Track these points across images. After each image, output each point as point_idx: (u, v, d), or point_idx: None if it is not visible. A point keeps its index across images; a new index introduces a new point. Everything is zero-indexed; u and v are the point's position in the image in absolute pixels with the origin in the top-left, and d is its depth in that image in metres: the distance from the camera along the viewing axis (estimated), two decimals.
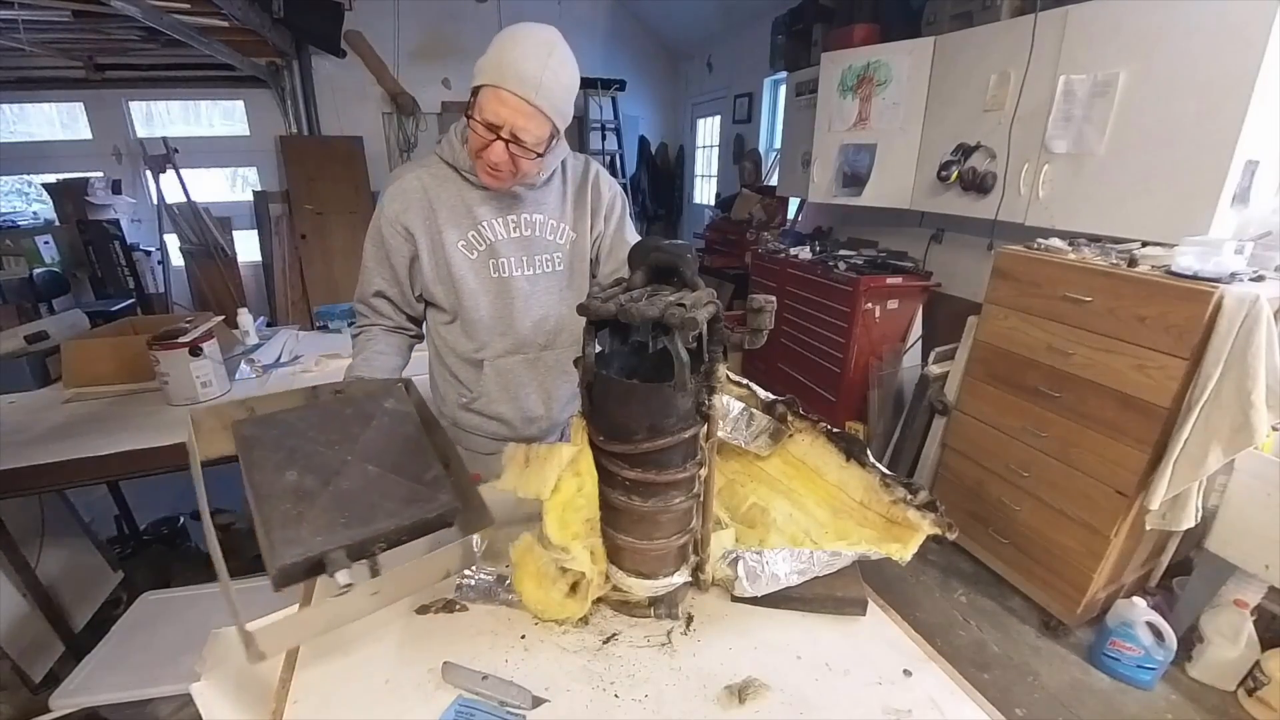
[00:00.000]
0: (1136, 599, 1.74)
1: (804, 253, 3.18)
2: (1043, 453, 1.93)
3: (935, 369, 2.44)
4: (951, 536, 0.80)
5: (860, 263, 2.88)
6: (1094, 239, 1.96)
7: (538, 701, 0.68)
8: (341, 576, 0.62)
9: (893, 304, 2.78)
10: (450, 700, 0.69)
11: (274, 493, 0.65)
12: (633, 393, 0.70)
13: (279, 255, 4.66)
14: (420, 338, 1.21)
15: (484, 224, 1.04)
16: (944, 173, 2.38)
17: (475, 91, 0.91)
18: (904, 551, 0.82)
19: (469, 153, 0.98)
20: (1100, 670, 1.79)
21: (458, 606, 0.83)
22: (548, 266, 1.11)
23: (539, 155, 0.95)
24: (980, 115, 2.28)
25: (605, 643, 0.78)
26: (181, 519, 2.39)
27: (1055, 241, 1.96)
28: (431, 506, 0.71)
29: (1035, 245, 1.98)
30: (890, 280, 2.73)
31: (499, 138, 0.90)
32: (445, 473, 0.75)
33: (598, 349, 0.76)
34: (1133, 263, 1.72)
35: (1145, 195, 1.79)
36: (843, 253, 3.08)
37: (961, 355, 2.29)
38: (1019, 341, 1.97)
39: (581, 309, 0.71)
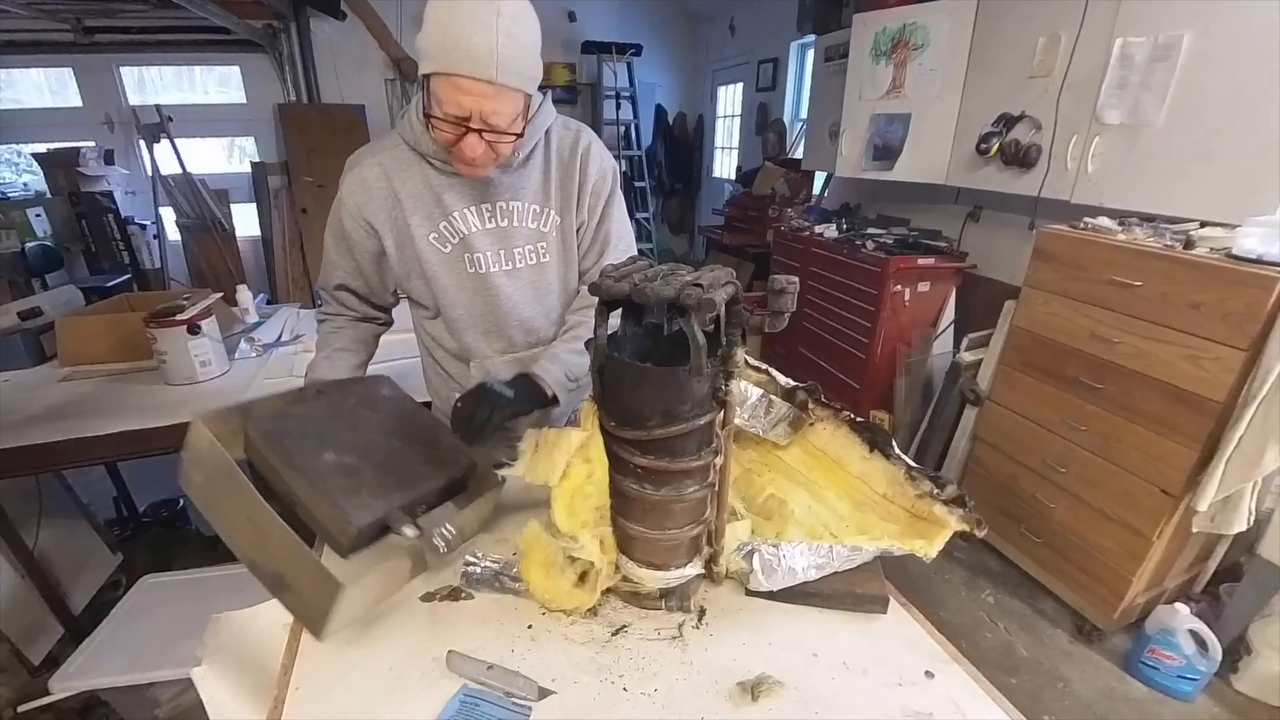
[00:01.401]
0: (1179, 605, 1.73)
1: (830, 231, 3.15)
2: (1082, 447, 1.91)
3: (968, 356, 2.42)
4: (980, 534, 0.80)
5: (890, 242, 2.85)
6: (1147, 218, 1.91)
7: (544, 693, 0.70)
8: (408, 530, 0.70)
9: (924, 286, 2.75)
10: (455, 689, 0.71)
11: (322, 472, 0.71)
12: (646, 377, 0.71)
13: (279, 230, 4.70)
14: (389, 324, 1.19)
15: (455, 214, 0.98)
16: (984, 145, 2.33)
17: (426, 80, 0.82)
18: (929, 548, 0.82)
19: (440, 147, 0.91)
20: (1136, 679, 1.78)
21: (463, 595, 0.85)
22: (531, 259, 1.04)
23: (518, 135, 0.89)
24: (1026, 82, 2.23)
25: (614, 635, 0.80)
26: (181, 501, 2.45)
27: (1104, 221, 1.92)
28: (458, 467, 0.81)
29: (1081, 225, 1.94)
30: (921, 261, 2.70)
31: (469, 129, 0.83)
32: (456, 439, 0.85)
33: (610, 330, 0.76)
34: (1189, 244, 1.68)
35: (1206, 171, 1.74)
36: (871, 231, 3.05)
37: (996, 342, 2.27)
38: (1060, 328, 1.95)
39: (594, 288, 0.71)
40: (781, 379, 0.97)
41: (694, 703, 0.70)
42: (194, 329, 1.66)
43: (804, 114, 4.14)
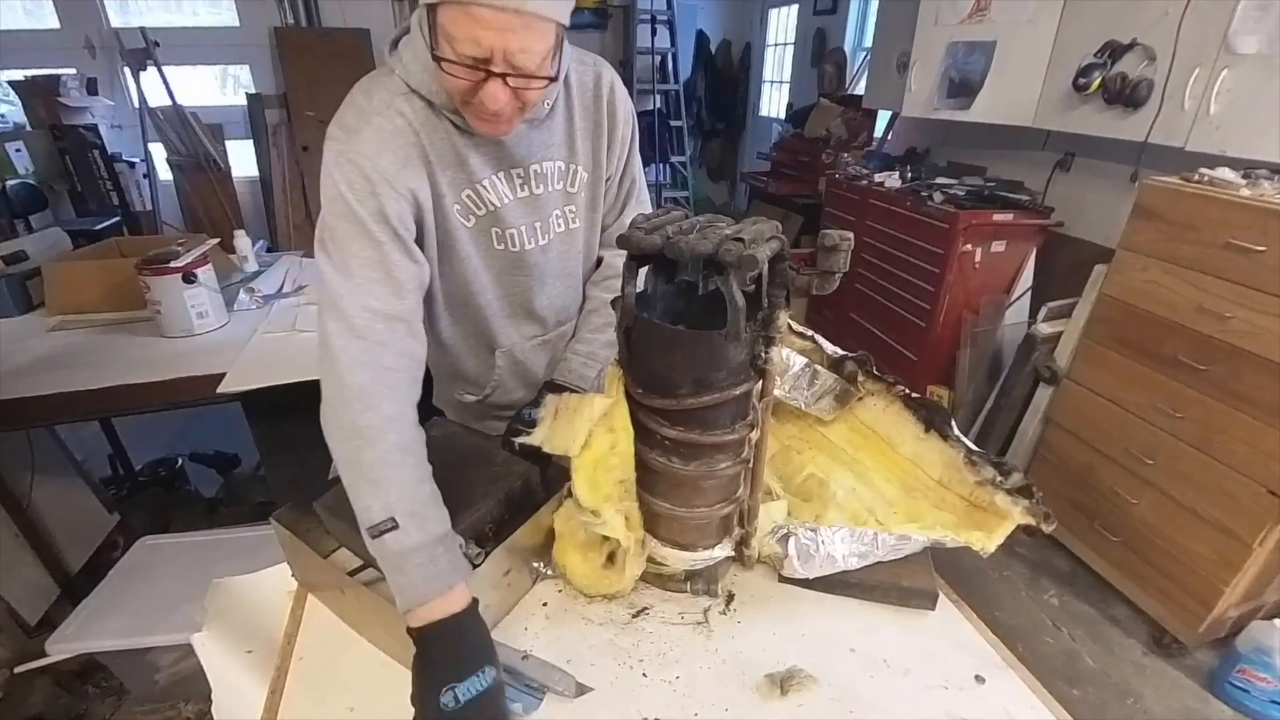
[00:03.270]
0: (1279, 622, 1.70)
1: (892, 179, 3.08)
2: (1175, 437, 1.86)
3: (1045, 328, 2.37)
4: (1048, 528, 0.80)
5: (961, 194, 2.77)
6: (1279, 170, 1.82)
7: (582, 689, 0.73)
8: (470, 552, 0.75)
9: (998, 246, 2.68)
10: None
11: None
12: (677, 340, 0.71)
13: (278, 170, 4.77)
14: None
15: (483, 182, 0.89)
16: (1083, 80, 2.22)
17: (431, 11, 0.71)
18: (987, 541, 0.82)
19: (450, 98, 0.80)
20: (1222, 700, 1.77)
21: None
22: (559, 226, 0.99)
23: (552, 79, 0.77)
24: (1140, 3, 2.10)
25: (635, 616, 0.83)
26: (180, 460, 2.59)
27: (1224, 172, 1.83)
28: (514, 477, 0.86)
29: (1196, 177, 1.86)
30: (998, 217, 2.62)
31: (491, 74, 0.72)
32: (512, 454, 0.90)
33: (639, 288, 0.77)
34: None
35: None
36: (940, 180, 2.97)
37: (1081, 313, 2.21)
38: (1159, 299, 1.89)
39: (623, 241, 0.71)
40: (829, 347, 0.97)
41: (718, 693, 0.73)
42: (189, 278, 1.72)
43: (868, 42, 4.01)
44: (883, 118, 3.93)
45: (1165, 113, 2.05)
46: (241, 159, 4.85)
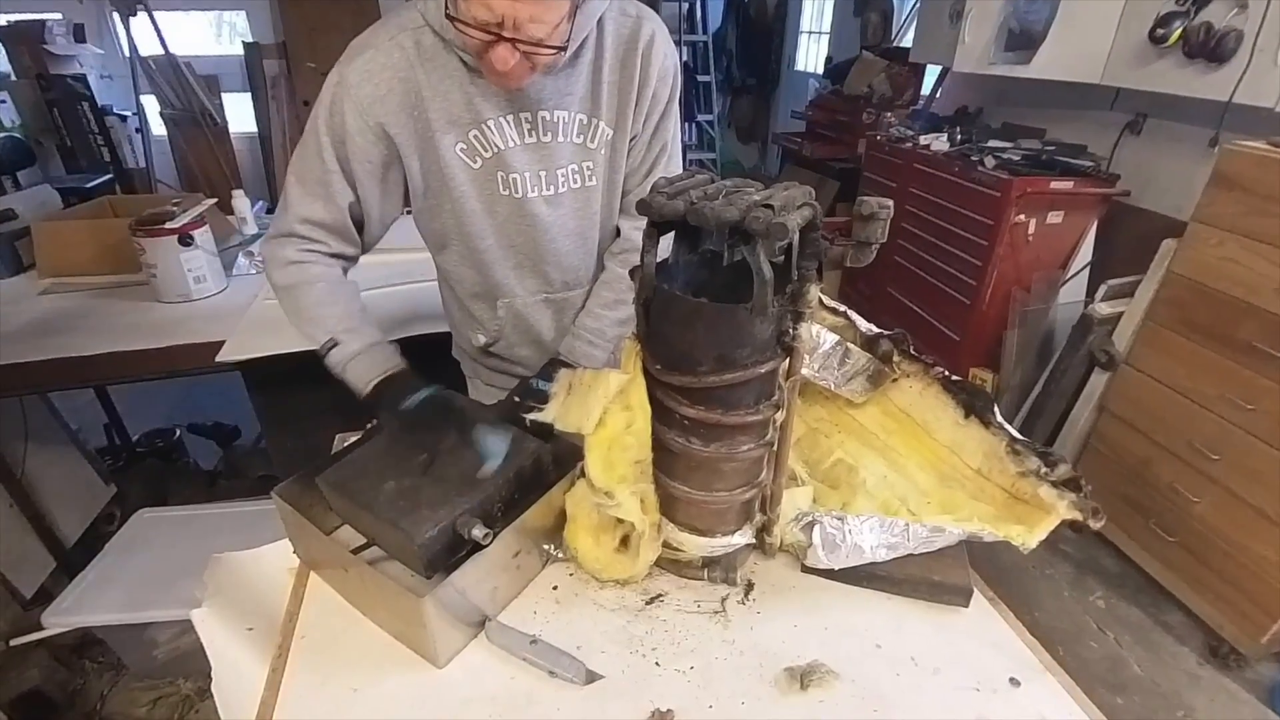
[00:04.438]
0: None
1: (939, 142, 3.04)
2: (1244, 430, 1.84)
3: (1104, 308, 2.34)
4: (1096, 525, 0.79)
5: (1016, 158, 2.72)
6: None
7: (592, 676, 0.75)
8: (478, 532, 0.78)
9: (1055, 217, 2.64)
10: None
11: (382, 500, 0.82)
12: (699, 314, 0.72)
13: (278, 126, 4.79)
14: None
15: (489, 123, 0.94)
16: (1161, 30, 2.16)
17: None
18: (1028, 536, 0.82)
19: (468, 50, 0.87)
20: None
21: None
22: (575, 181, 1.03)
23: (561, 48, 0.84)
24: None
25: (649, 603, 0.85)
26: (178, 431, 2.67)
27: None
28: (526, 454, 0.88)
29: None
30: (1056, 184, 2.58)
31: (500, 38, 0.79)
32: (523, 431, 0.92)
33: (660, 257, 0.77)
34: None
35: None
36: (993, 144, 2.91)
37: (1145, 292, 2.19)
38: (1235, 278, 1.85)
39: (643, 206, 0.71)
40: (862, 324, 0.96)
41: (734, 685, 0.75)
42: (186, 240, 1.75)
43: None
44: (931, 73, 3.87)
45: (1255, 68, 1.99)
46: (239, 113, 4.88)
